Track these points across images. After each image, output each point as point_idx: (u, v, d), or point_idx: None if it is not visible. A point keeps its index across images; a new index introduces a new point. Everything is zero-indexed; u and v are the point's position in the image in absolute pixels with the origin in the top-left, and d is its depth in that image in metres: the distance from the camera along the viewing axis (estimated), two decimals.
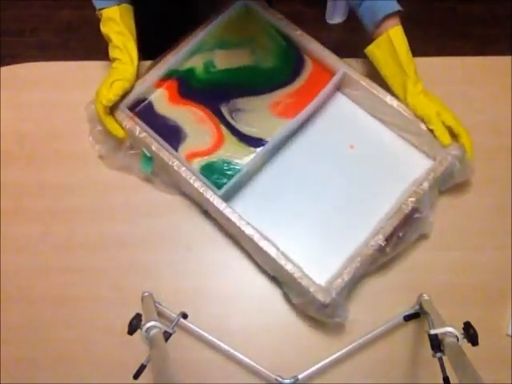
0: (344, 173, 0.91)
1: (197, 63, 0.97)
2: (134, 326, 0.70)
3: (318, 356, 0.78)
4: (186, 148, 0.91)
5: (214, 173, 0.88)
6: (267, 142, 0.90)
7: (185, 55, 0.95)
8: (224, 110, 0.94)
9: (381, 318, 0.81)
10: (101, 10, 0.88)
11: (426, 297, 0.81)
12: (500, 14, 1.90)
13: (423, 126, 0.87)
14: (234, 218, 0.81)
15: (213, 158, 0.90)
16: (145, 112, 0.93)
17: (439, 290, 0.84)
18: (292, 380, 0.77)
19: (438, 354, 0.67)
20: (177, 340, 0.73)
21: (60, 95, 0.99)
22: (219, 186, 0.85)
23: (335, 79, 0.92)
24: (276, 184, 0.91)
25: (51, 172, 0.95)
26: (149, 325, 0.69)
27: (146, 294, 0.83)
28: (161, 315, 0.81)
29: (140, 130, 0.87)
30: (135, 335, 0.70)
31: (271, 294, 0.86)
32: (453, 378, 0.62)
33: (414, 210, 0.83)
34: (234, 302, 0.86)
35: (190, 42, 0.95)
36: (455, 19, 1.91)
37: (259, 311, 0.85)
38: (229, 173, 0.88)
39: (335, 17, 1.91)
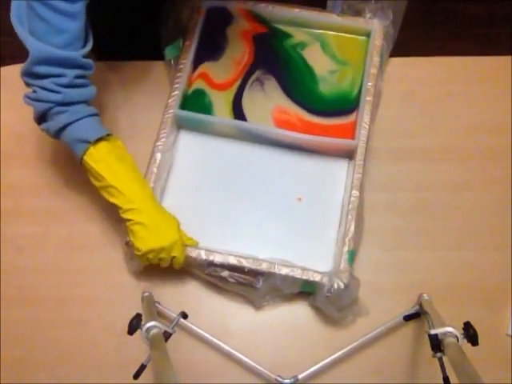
0: (283, 222, 0.88)
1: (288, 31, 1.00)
2: (134, 326, 0.70)
3: (318, 356, 0.78)
4: (204, 66, 0.97)
5: (197, 103, 0.94)
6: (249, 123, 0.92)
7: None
8: (255, 74, 0.97)
9: (381, 318, 0.81)
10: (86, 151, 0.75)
11: (426, 297, 0.81)
12: (500, 14, 1.90)
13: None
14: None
15: (210, 90, 0.95)
16: (214, 14, 1.00)
17: (439, 289, 0.84)
18: (292, 380, 0.77)
19: (438, 354, 0.67)
20: (177, 340, 0.73)
21: None
22: (182, 108, 0.92)
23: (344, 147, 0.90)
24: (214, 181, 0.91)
25: (51, 172, 0.95)
26: (149, 325, 0.69)
27: (146, 294, 0.83)
28: (161, 315, 0.81)
29: (196, 24, 0.97)
30: (135, 335, 0.70)
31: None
32: (453, 378, 0.62)
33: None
34: (233, 302, 0.86)
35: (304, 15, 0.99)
36: (455, 19, 1.91)
37: (259, 311, 0.85)
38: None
39: None
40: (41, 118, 0.76)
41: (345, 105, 0.94)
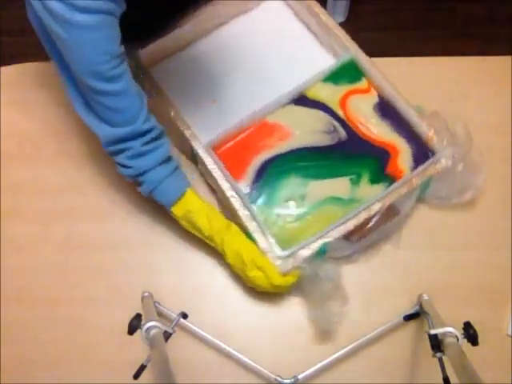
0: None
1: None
2: (134, 326, 0.70)
3: (318, 356, 0.78)
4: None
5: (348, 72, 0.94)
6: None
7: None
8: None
9: (381, 318, 0.81)
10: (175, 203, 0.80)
11: (425, 297, 0.81)
12: (500, 14, 1.90)
13: None
14: None
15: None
16: None
17: (439, 289, 0.84)
18: (292, 380, 0.77)
19: (438, 354, 0.67)
20: (177, 340, 0.73)
21: (60, 95, 0.99)
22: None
23: None
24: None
25: (51, 172, 0.95)
26: (149, 325, 0.69)
27: (146, 294, 0.83)
28: (161, 315, 0.81)
29: None
30: (135, 335, 0.70)
31: (271, 294, 0.86)
32: (453, 378, 0.63)
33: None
34: (233, 302, 0.86)
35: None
36: (455, 19, 1.91)
37: (259, 311, 0.85)
38: None
39: (335, 16, 1.91)
40: None
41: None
